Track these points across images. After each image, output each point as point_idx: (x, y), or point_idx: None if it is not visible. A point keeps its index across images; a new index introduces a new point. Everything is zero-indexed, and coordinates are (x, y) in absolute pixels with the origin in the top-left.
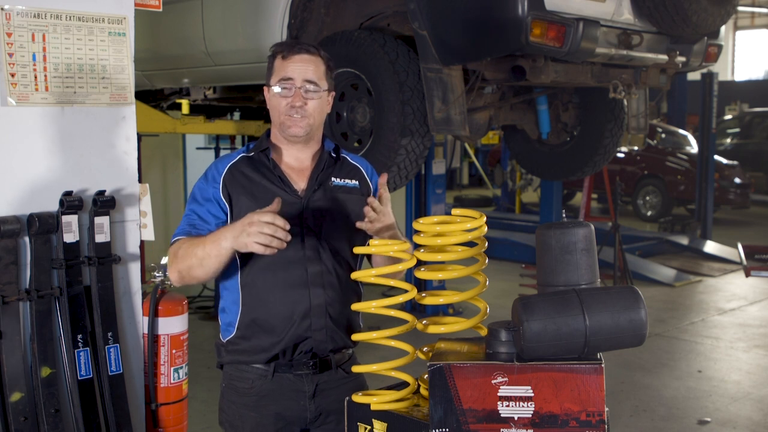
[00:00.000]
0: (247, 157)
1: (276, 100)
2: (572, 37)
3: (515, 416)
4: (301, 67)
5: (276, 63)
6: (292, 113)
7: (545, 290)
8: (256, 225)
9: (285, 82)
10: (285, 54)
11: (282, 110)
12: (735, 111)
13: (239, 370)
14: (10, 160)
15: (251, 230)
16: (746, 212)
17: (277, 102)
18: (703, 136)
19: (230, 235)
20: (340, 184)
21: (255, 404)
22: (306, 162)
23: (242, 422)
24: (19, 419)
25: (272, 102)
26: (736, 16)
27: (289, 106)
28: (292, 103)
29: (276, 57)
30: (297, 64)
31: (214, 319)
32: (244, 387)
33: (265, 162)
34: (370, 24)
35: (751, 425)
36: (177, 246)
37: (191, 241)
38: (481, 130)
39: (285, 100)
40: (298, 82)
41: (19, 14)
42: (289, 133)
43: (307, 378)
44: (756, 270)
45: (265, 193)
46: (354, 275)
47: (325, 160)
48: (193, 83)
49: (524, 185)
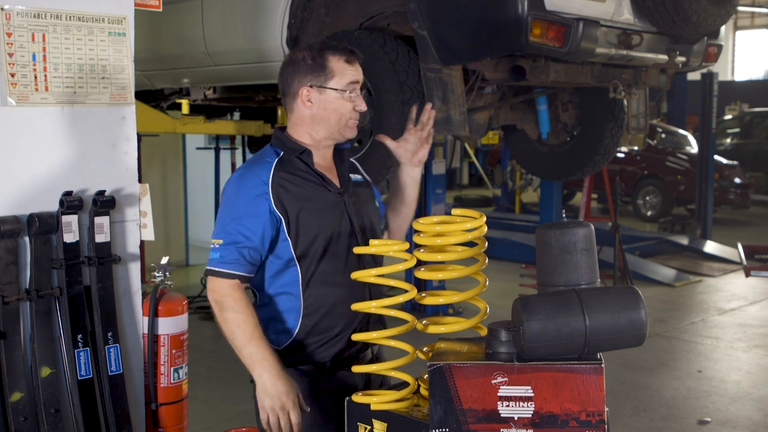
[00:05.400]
0: (280, 161)
1: (341, 103)
2: (572, 37)
3: (515, 416)
4: (360, 71)
5: (335, 65)
6: (355, 116)
7: (545, 290)
8: (284, 413)
9: (354, 85)
10: (349, 58)
11: (347, 113)
12: (735, 111)
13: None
14: (10, 160)
15: (277, 410)
16: (746, 212)
17: (342, 105)
18: (703, 136)
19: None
20: (355, 179)
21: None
22: (329, 160)
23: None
24: (19, 419)
25: (334, 104)
26: (736, 16)
27: (356, 110)
28: (359, 107)
29: (334, 57)
30: (358, 68)
31: (214, 320)
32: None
33: (300, 165)
34: (370, 24)
35: (751, 425)
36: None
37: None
38: (481, 130)
39: (352, 104)
40: (359, 85)
41: (19, 14)
42: (347, 135)
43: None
44: (756, 270)
45: (315, 195)
46: (354, 275)
47: (344, 157)
48: (193, 83)
49: (524, 185)
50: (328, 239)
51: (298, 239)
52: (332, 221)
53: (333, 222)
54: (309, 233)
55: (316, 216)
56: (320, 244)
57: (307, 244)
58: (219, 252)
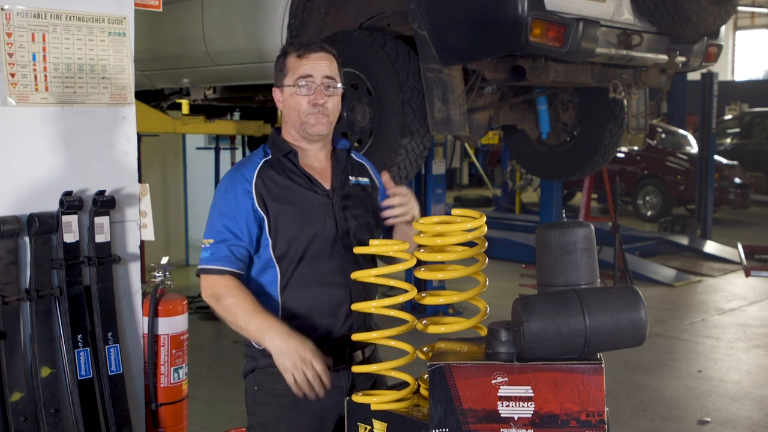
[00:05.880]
0: (268, 161)
1: (295, 99)
2: (572, 37)
3: (515, 416)
4: (318, 64)
5: (290, 62)
6: (315, 111)
7: (545, 290)
8: (307, 366)
9: (305, 79)
10: (300, 52)
11: (304, 109)
12: (735, 111)
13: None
14: (10, 160)
15: (299, 365)
16: (746, 212)
17: (296, 101)
18: (703, 136)
19: (276, 347)
20: (356, 181)
21: (293, 405)
22: (324, 161)
23: (277, 424)
24: (19, 419)
25: (290, 102)
26: (736, 16)
27: (311, 104)
28: (314, 100)
29: (288, 56)
30: (314, 61)
31: (214, 319)
32: (281, 389)
33: (288, 165)
34: (370, 24)
35: (751, 425)
36: (221, 286)
37: (237, 299)
38: (481, 130)
39: (306, 99)
40: (318, 79)
41: (19, 14)
42: (314, 131)
43: (343, 373)
44: (756, 270)
45: (299, 196)
46: (354, 275)
47: (343, 158)
48: (193, 83)
49: (524, 185)
50: (308, 242)
51: (276, 240)
52: (314, 224)
53: (315, 225)
54: (287, 235)
55: (296, 218)
56: (299, 247)
57: (285, 246)
58: (209, 251)
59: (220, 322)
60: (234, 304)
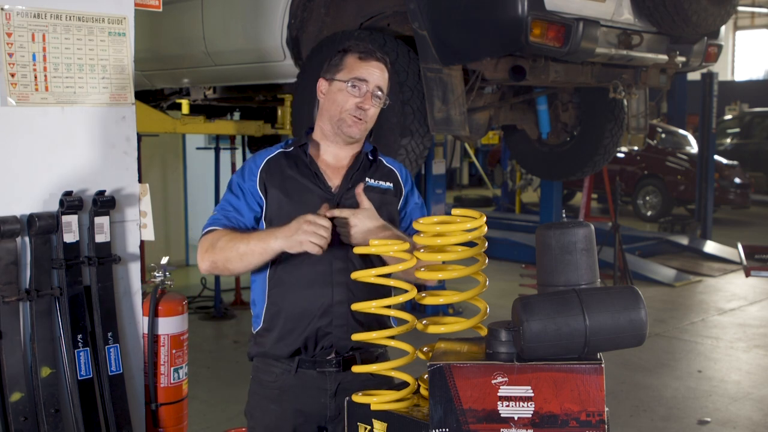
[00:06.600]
0: (285, 152)
1: (344, 95)
2: (572, 37)
3: (515, 416)
4: (376, 73)
5: (350, 60)
6: (357, 113)
7: (545, 290)
8: (313, 225)
9: (359, 82)
10: (363, 56)
11: (347, 108)
12: (735, 111)
13: (265, 363)
14: (10, 160)
15: (308, 229)
16: (746, 212)
17: (344, 98)
18: (703, 136)
19: (282, 235)
20: (374, 185)
21: (277, 397)
22: (344, 161)
23: (262, 414)
24: (19, 419)
25: (337, 96)
26: (736, 16)
27: (356, 106)
28: (361, 104)
29: (349, 54)
30: (373, 68)
31: (214, 319)
32: (268, 380)
33: (302, 158)
34: (370, 24)
35: (751, 425)
36: (214, 237)
37: (231, 234)
38: (481, 130)
39: (354, 99)
40: (371, 86)
41: (19, 14)
42: (347, 132)
43: (330, 376)
44: (756, 270)
45: (297, 188)
46: (354, 275)
47: (362, 160)
48: (193, 83)
49: (524, 185)
50: None
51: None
52: None
53: None
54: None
55: (290, 209)
56: None
57: None
58: (209, 220)
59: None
60: (227, 239)
